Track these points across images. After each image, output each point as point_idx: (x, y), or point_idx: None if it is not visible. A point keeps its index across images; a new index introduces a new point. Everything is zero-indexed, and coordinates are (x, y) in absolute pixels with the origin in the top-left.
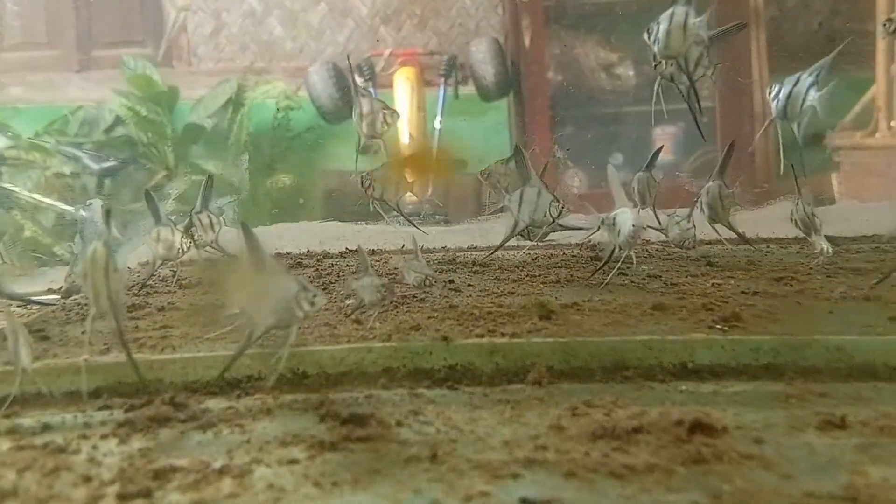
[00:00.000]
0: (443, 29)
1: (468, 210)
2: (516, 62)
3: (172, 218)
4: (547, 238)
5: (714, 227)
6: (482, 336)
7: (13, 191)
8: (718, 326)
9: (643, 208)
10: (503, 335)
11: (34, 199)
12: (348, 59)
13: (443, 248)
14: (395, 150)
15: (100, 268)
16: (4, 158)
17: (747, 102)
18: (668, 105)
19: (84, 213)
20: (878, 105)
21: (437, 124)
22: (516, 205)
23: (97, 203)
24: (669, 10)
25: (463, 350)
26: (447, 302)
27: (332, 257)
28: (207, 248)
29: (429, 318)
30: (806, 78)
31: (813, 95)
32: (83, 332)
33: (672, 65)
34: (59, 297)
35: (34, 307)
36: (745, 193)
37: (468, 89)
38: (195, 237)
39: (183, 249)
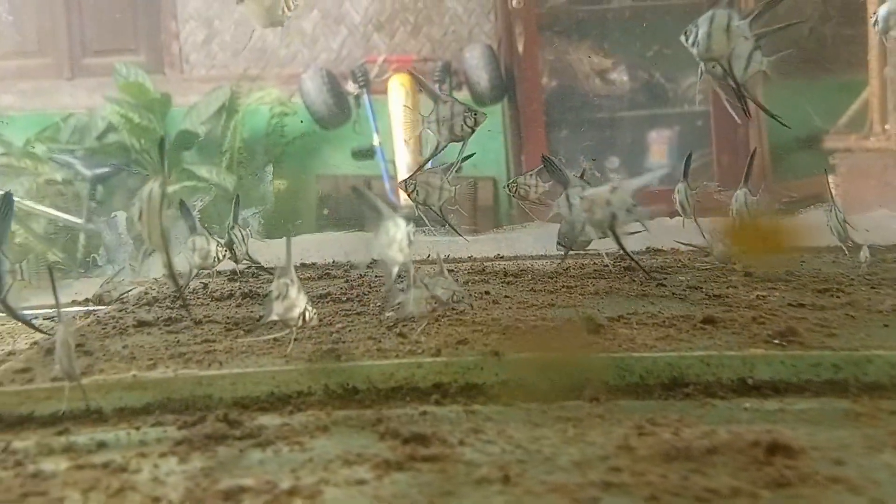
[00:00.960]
0: (436, 36)
1: (466, 215)
2: (510, 68)
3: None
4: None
5: None
6: (533, 350)
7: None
8: (776, 341)
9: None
10: (554, 350)
11: (50, 212)
12: (412, 73)
13: (469, 257)
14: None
15: (154, 207)
16: None
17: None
18: (663, 110)
19: (101, 226)
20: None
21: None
22: (566, 208)
23: (121, 215)
24: (709, 13)
25: (514, 365)
26: (488, 314)
27: (357, 268)
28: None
29: (473, 331)
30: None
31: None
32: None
33: (714, 67)
34: (89, 307)
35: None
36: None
37: (462, 95)
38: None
39: (218, 258)
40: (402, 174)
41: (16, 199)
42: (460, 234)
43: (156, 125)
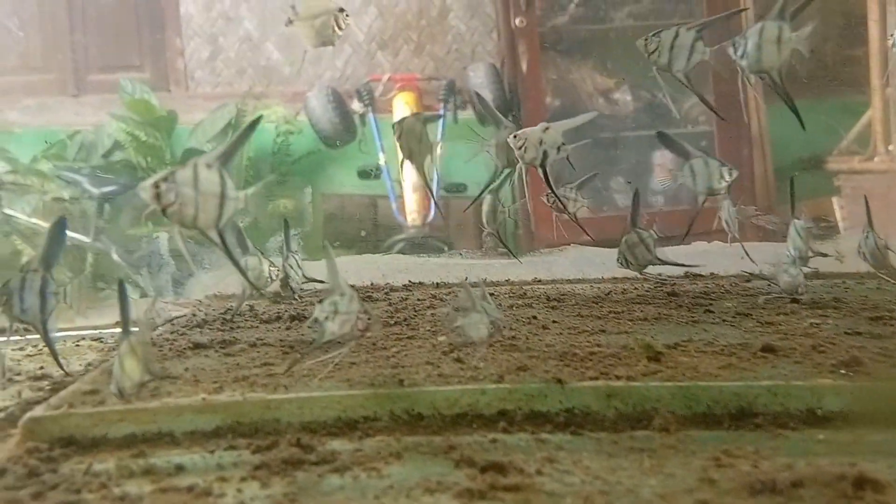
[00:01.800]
0: (439, 54)
1: (467, 234)
2: (513, 87)
3: None
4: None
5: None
6: (596, 378)
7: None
8: (843, 371)
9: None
10: (618, 378)
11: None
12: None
13: (507, 280)
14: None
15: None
16: (2, 182)
17: (745, 126)
18: (666, 129)
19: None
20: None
21: (437, 149)
22: (690, 178)
23: (164, 237)
24: (759, 25)
25: (579, 393)
26: (539, 340)
27: (397, 290)
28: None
29: (530, 357)
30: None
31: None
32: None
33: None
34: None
35: None
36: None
37: (466, 114)
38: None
39: (271, 279)
40: (408, 194)
41: (22, 216)
42: (514, 255)
43: (162, 143)
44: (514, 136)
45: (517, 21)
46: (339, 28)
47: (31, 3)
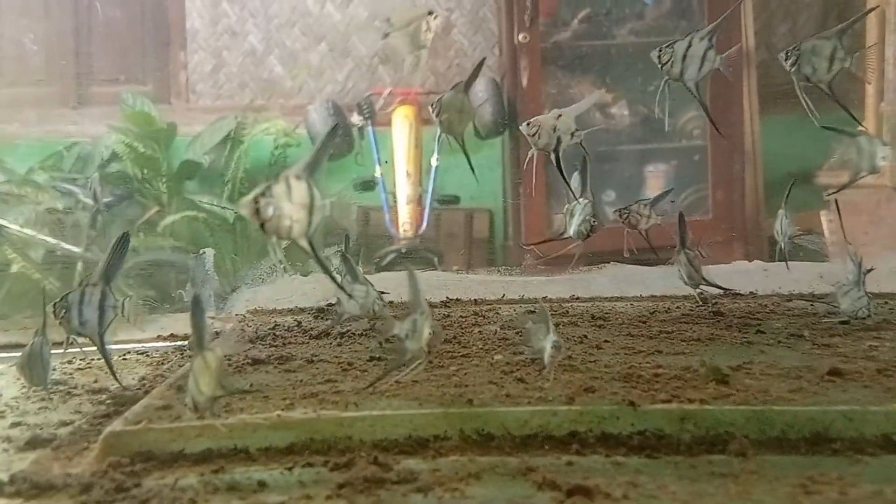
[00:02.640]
0: (440, 69)
1: (458, 245)
2: (513, 101)
3: None
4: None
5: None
6: (668, 401)
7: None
8: None
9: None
10: (690, 401)
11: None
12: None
13: (545, 297)
14: None
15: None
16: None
17: (738, 141)
18: (661, 144)
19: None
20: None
21: (434, 161)
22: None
23: (210, 252)
24: (811, 43)
25: (651, 416)
26: (596, 361)
27: (435, 306)
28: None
29: (593, 378)
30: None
31: (712, 56)
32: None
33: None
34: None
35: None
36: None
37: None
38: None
39: (374, 311)
40: (402, 206)
41: (15, 227)
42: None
43: (159, 154)
44: (528, 124)
45: (520, 37)
46: (430, 30)
47: (35, 15)
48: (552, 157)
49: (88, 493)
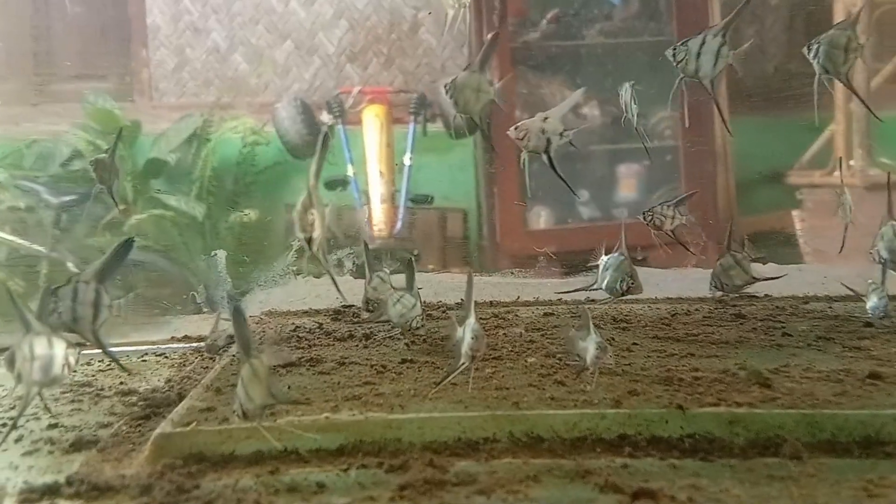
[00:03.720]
0: (409, 68)
1: (434, 244)
2: None
3: None
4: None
5: None
6: (716, 405)
7: None
8: None
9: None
10: (738, 404)
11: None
12: None
13: (559, 299)
14: None
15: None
16: None
17: (709, 141)
18: (632, 144)
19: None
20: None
21: (406, 160)
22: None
23: (222, 254)
24: (830, 33)
25: (700, 419)
26: (630, 364)
27: (452, 309)
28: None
29: (632, 381)
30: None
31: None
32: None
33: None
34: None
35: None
36: None
37: (437, 127)
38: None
39: (418, 323)
40: (375, 205)
41: None
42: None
43: (124, 153)
44: (515, 128)
45: (489, 37)
46: None
47: None
48: (545, 158)
49: (149, 493)
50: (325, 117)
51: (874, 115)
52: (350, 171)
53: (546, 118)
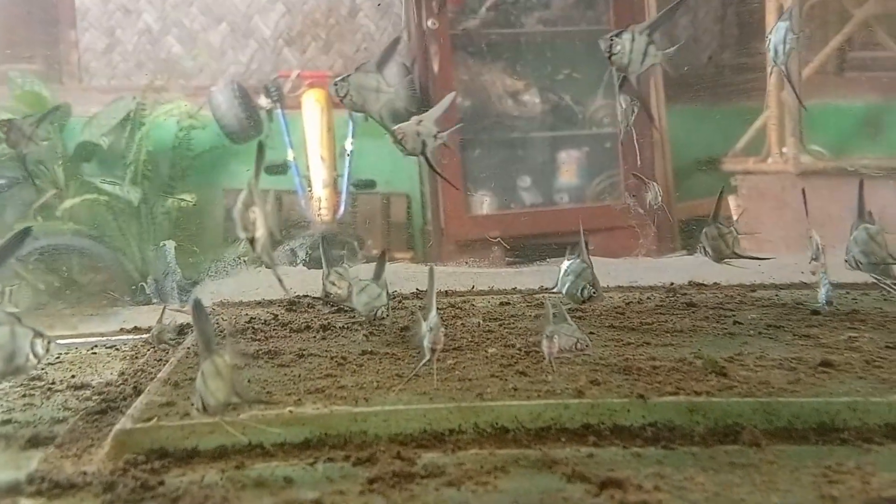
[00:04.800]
0: (348, 52)
1: (376, 230)
2: (425, 87)
3: None
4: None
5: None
6: (675, 394)
7: None
8: None
9: None
10: (697, 393)
11: None
12: None
13: (514, 289)
14: None
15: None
16: None
17: (647, 129)
18: (572, 131)
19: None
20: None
21: (348, 146)
22: None
23: (171, 244)
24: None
25: (660, 408)
26: (589, 353)
27: (408, 298)
28: None
29: (592, 371)
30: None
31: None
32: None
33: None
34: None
35: None
36: None
37: None
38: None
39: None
40: (317, 189)
41: None
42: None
43: (53, 136)
44: (395, 130)
45: (429, 23)
46: None
47: None
48: (422, 160)
49: (113, 491)
50: (263, 101)
51: (801, 104)
52: (290, 156)
53: (420, 121)
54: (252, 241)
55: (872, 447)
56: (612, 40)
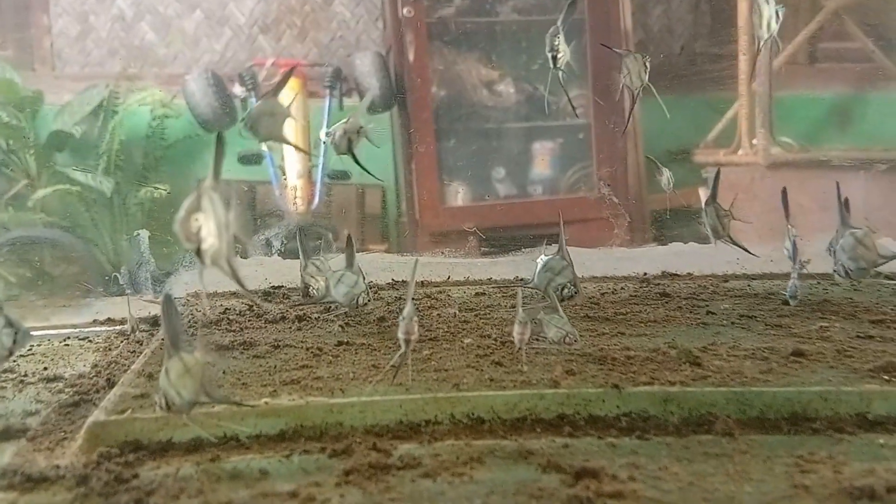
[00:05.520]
0: (323, 41)
1: (351, 220)
2: (400, 76)
3: None
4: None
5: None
6: (650, 383)
7: None
8: (885, 377)
9: None
10: (671, 383)
11: None
12: None
13: (488, 279)
14: None
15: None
16: None
17: (620, 120)
18: (546, 122)
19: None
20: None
21: (323, 136)
22: None
23: (144, 234)
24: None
25: (635, 398)
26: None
27: (384, 289)
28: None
29: (568, 361)
30: None
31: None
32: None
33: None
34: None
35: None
36: None
37: (353, 102)
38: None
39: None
40: (292, 180)
41: None
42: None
43: (25, 124)
44: (327, 133)
45: (405, 11)
46: None
47: None
48: (351, 157)
49: (87, 484)
50: (238, 90)
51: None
52: (264, 146)
53: (347, 119)
54: (198, 252)
55: (844, 437)
56: (555, 36)
